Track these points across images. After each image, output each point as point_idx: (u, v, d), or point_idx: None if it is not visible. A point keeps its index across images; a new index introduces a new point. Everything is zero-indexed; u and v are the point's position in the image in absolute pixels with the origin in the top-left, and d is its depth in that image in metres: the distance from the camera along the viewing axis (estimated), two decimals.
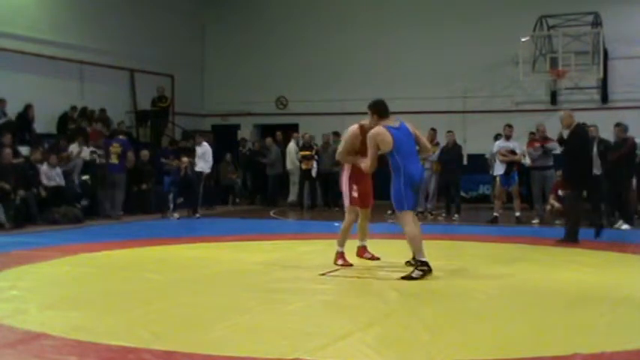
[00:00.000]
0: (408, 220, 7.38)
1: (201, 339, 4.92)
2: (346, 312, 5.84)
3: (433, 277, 7.38)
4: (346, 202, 8.19)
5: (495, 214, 13.93)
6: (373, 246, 8.72)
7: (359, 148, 7.94)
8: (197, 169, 15.53)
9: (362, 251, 8.56)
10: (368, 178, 8.20)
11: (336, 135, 18.26)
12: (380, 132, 7.45)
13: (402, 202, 7.39)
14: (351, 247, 8.35)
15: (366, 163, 7.58)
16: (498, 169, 13.90)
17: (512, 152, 13.87)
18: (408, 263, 7.85)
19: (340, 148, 8.30)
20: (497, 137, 15.96)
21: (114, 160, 14.91)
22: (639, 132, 14.37)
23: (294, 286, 7.13)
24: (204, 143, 15.96)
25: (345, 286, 7.13)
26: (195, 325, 5.38)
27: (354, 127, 8.16)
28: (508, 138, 14.09)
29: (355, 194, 8.14)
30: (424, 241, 7.40)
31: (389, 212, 15.50)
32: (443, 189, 15.24)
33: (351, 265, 8.01)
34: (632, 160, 12.95)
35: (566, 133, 10.42)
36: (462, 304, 6.24)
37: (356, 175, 8.11)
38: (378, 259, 8.44)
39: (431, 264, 7.27)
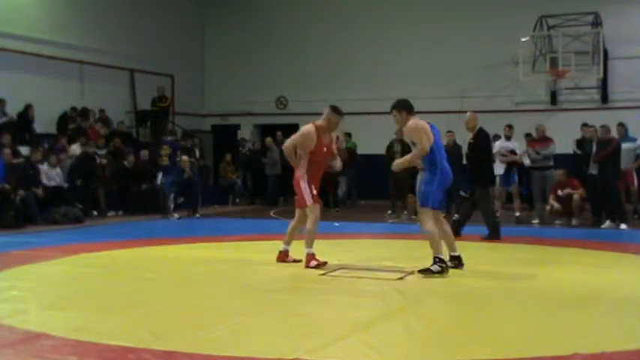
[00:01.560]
0: (428, 218, 7.41)
1: (201, 339, 4.92)
2: (346, 312, 5.84)
3: (433, 277, 7.38)
4: (308, 201, 7.90)
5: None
6: (373, 246, 8.71)
7: (313, 149, 7.90)
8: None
9: (284, 256, 8.21)
10: (319, 179, 8.12)
11: (348, 135, 18.33)
12: (425, 126, 7.46)
13: (428, 198, 7.42)
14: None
15: (412, 156, 7.67)
16: (498, 169, 13.89)
17: (513, 152, 13.87)
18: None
19: (289, 142, 8.12)
20: (495, 138, 15.94)
21: (165, 161, 15.60)
22: (639, 132, 14.40)
23: (294, 286, 7.13)
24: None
25: (345, 286, 7.12)
26: (195, 325, 5.38)
27: (309, 127, 8.00)
28: (508, 138, 14.08)
29: (315, 192, 7.97)
30: (423, 242, 7.41)
31: (389, 212, 15.55)
32: None
33: (325, 263, 7.86)
34: (617, 161, 12.93)
35: (470, 135, 10.69)
36: (462, 304, 6.24)
37: (310, 176, 7.99)
38: (299, 261, 8.05)
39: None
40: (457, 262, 7.80)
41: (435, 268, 7.31)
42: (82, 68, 18.07)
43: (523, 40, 17.80)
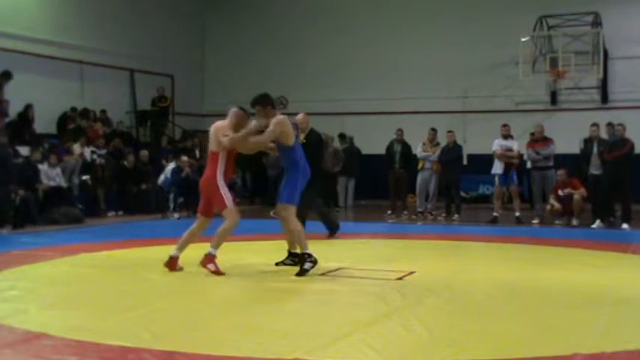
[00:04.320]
0: (293, 216, 7.66)
1: (201, 339, 4.92)
2: (346, 312, 5.84)
3: (433, 277, 7.39)
4: (229, 204, 7.59)
5: (495, 214, 13.94)
6: (373, 246, 8.71)
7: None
8: None
9: (174, 263, 7.73)
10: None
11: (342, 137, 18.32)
12: (287, 121, 7.60)
13: (294, 197, 7.60)
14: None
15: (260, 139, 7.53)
16: (496, 168, 13.90)
17: (510, 151, 13.86)
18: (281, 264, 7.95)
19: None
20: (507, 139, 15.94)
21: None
22: (639, 132, 14.39)
23: (294, 286, 7.13)
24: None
25: (345, 286, 7.12)
26: (195, 325, 5.38)
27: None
28: (505, 137, 14.08)
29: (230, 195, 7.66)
30: (423, 242, 7.41)
31: (389, 212, 15.55)
32: (443, 189, 15.24)
33: (223, 273, 7.40)
34: (630, 161, 12.92)
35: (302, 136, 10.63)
36: (462, 304, 6.24)
37: (227, 176, 7.71)
38: (182, 269, 7.73)
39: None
40: (296, 259, 7.85)
41: (308, 265, 7.51)
42: (82, 68, 18.06)
43: (523, 40, 17.79)
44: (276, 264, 8.03)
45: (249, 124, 7.73)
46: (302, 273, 7.50)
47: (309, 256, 7.58)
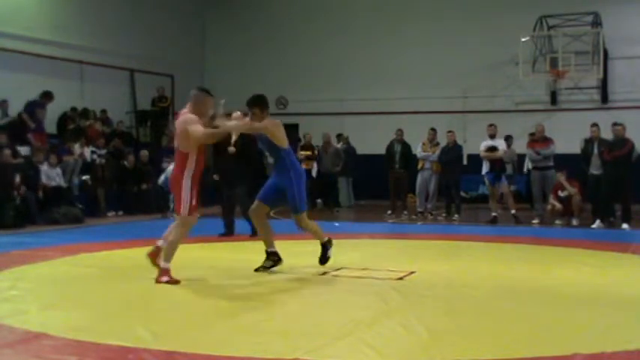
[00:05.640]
0: (306, 218, 7.70)
1: (201, 339, 4.92)
2: (346, 312, 5.83)
3: (433, 277, 7.39)
4: (184, 210, 6.94)
5: (494, 214, 13.94)
6: (373, 246, 8.70)
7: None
8: None
9: (157, 254, 7.21)
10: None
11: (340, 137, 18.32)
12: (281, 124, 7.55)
13: (303, 202, 7.57)
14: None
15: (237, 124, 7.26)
16: (484, 168, 13.97)
17: (493, 150, 13.85)
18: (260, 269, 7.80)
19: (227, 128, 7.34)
20: (507, 139, 15.96)
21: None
22: (639, 132, 14.39)
23: (294, 286, 7.13)
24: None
25: (345, 286, 7.12)
26: (195, 325, 5.38)
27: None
28: (492, 137, 14.09)
29: (194, 202, 6.98)
30: (423, 242, 7.40)
31: (389, 212, 15.55)
32: (443, 189, 15.24)
33: (178, 281, 6.90)
34: (629, 161, 12.92)
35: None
36: (462, 304, 6.24)
37: (197, 177, 6.95)
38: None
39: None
40: (276, 258, 7.81)
41: (268, 263, 7.70)
42: (82, 68, 18.06)
43: (523, 40, 17.80)
44: (256, 270, 7.70)
45: (211, 106, 7.17)
46: (326, 260, 7.80)
47: (329, 243, 7.84)
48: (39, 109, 15.51)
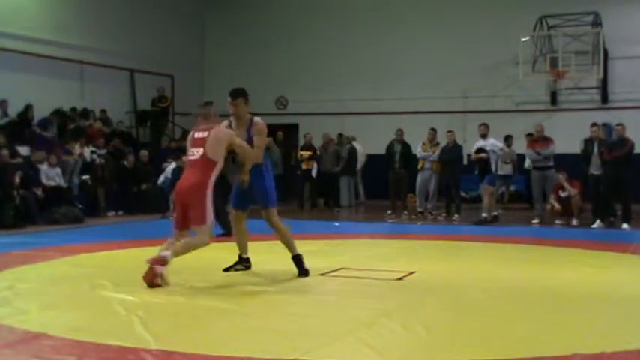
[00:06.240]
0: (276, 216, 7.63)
1: (201, 339, 4.92)
2: (346, 312, 5.84)
3: (433, 277, 7.39)
4: (209, 220, 6.87)
5: (494, 213, 13.93)
6: (373, 246, 8.70)
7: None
8: None
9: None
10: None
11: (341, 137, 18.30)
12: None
13: (275, 198, 7.55)
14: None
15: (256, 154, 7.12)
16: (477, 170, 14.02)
17: (481, 151, 13.83)
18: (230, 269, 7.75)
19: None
20: (507, 139, 15.96)
21: None
22: (639, 132, 14.40)
23: (294, 286, 7.12)
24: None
25: (345, 286, 7.12)
26: (195, 325, 5.38)
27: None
28: (483, 137, 14.08)
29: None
30: (423, 242, 7.39)
31: (389, 212, 15.54)
32: (443, 189, 15.24)
33: (159, 285, 6.71)
34: (630, 161, 12.94)
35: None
36: (462, 304, 6.24)
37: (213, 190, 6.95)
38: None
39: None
40: (247, 264, 7.82)
41: (239, 267, 7.69)
42: (82, 68, 18.06)
43: (523, 40, 17.79)
44: (225, 269, 7.66)
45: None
46: (306, 273, 7.39)
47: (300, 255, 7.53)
48: (50, 126, 15.83)
